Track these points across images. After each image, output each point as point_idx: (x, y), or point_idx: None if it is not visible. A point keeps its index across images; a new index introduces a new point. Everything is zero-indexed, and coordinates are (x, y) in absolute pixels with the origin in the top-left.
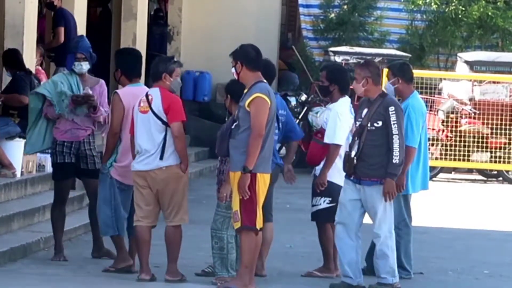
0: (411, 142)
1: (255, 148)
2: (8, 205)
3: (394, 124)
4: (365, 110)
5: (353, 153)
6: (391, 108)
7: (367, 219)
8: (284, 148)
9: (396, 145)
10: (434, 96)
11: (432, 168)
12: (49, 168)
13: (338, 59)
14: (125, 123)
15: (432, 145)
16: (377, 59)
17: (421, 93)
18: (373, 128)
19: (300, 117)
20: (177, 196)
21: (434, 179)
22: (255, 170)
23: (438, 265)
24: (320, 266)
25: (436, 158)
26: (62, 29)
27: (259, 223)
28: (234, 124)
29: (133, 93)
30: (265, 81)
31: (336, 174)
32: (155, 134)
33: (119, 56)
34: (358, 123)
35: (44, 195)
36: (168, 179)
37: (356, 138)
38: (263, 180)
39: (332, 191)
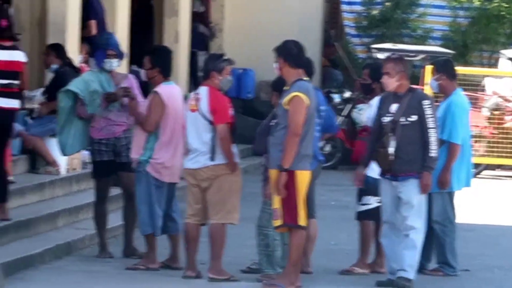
0: (455, 139)
1: (291, 147)
2: (53, 202)
3: (429, 117)
4: (395, 105)
5: (391, 150)
6: (426, 102)
7: None
8: (328, 145)
9: (432, 138)
10: (477, 93)
11: (477, 165)
12: None
13: (381, 56)
14: (164, 122)
15: (476, 142)
16: (420, 56)
17: (464, 90)
18: (408, 122)
19: (343, 114)
20: (222, 193)
21: (478, 176)
22: (294, 168)
23: (484, 262)
24: (358, 262)
25: (481, 155)
26: (94, 22)
27: (303, 220)
28: (274, 121)
29: (171, 91)
30: (306, 78)
31: None
32: (203, 133)
33: (157, 54)
34: (388, 119)
35: (89, 192)
36: (214, 177)
37: (389, 134)
38: (302, 177)
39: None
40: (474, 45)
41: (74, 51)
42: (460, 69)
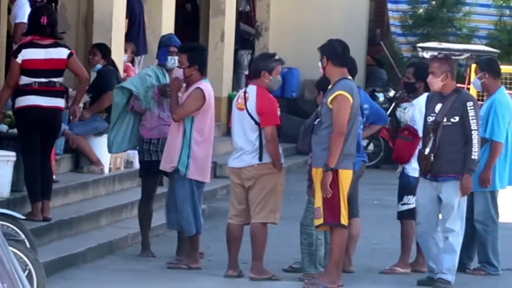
0: (498, 137)
1: (336, 146)
2: (96, 201)
3: (472, 119)
4: (439, 105)
5: (427, 150)
6: (469, 104)
7: None
8: (372, 144)
9: (475, 140)
10: None
11: None
12: (136, 165)
13: (427, 55)
14: (203, 118)
15: None
16: (465, 55)
17: (509, 89)
18: (449, 123)
19: (388, 113)
20: (265, 192)
21: None
22: (337, 167)
23: None
24: (399, 262)
25: None
26: (126, 21)
27: (344, 219)
28: (317, 120)
29: (209, 89)
30: (350, 78)
31: None
32: (249, 132)
33: (196, 52)
34: (431, 119)
35: (132, 191)
36: (259, 176)
37: (431, 134)
38: (345, 177)
39: None
40: None
41: (119, 50)
42: (505, 68)
